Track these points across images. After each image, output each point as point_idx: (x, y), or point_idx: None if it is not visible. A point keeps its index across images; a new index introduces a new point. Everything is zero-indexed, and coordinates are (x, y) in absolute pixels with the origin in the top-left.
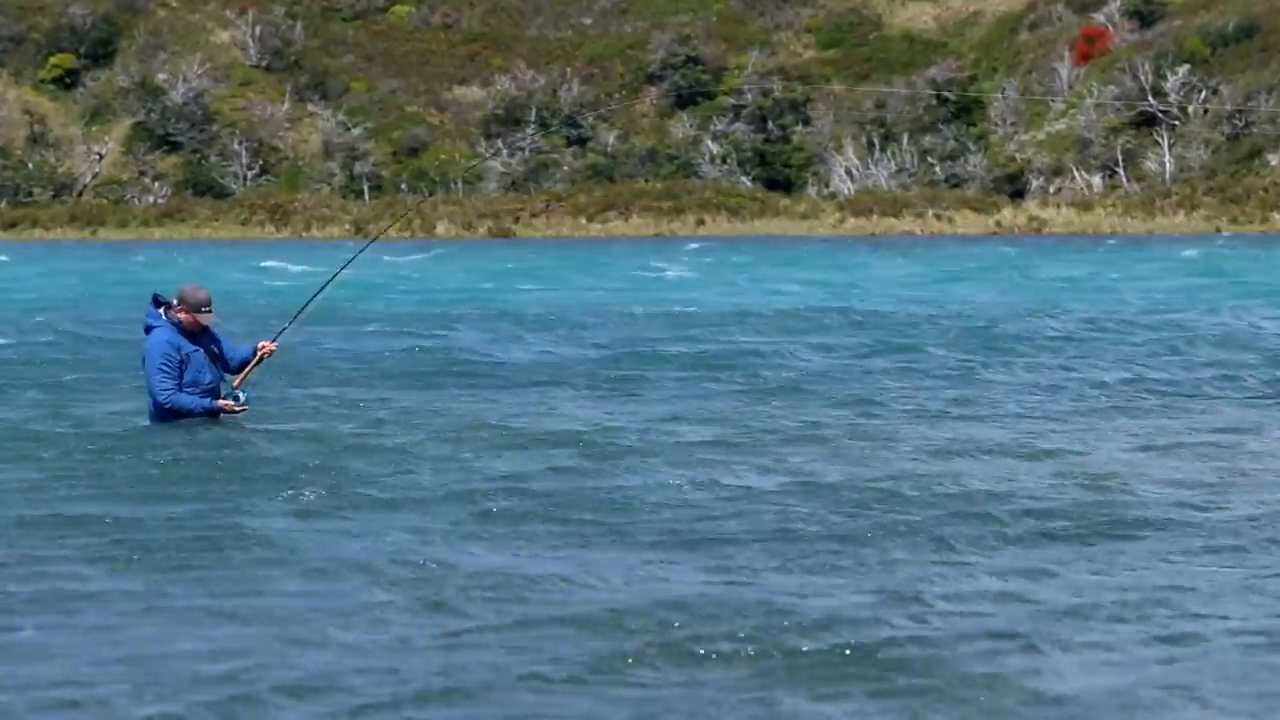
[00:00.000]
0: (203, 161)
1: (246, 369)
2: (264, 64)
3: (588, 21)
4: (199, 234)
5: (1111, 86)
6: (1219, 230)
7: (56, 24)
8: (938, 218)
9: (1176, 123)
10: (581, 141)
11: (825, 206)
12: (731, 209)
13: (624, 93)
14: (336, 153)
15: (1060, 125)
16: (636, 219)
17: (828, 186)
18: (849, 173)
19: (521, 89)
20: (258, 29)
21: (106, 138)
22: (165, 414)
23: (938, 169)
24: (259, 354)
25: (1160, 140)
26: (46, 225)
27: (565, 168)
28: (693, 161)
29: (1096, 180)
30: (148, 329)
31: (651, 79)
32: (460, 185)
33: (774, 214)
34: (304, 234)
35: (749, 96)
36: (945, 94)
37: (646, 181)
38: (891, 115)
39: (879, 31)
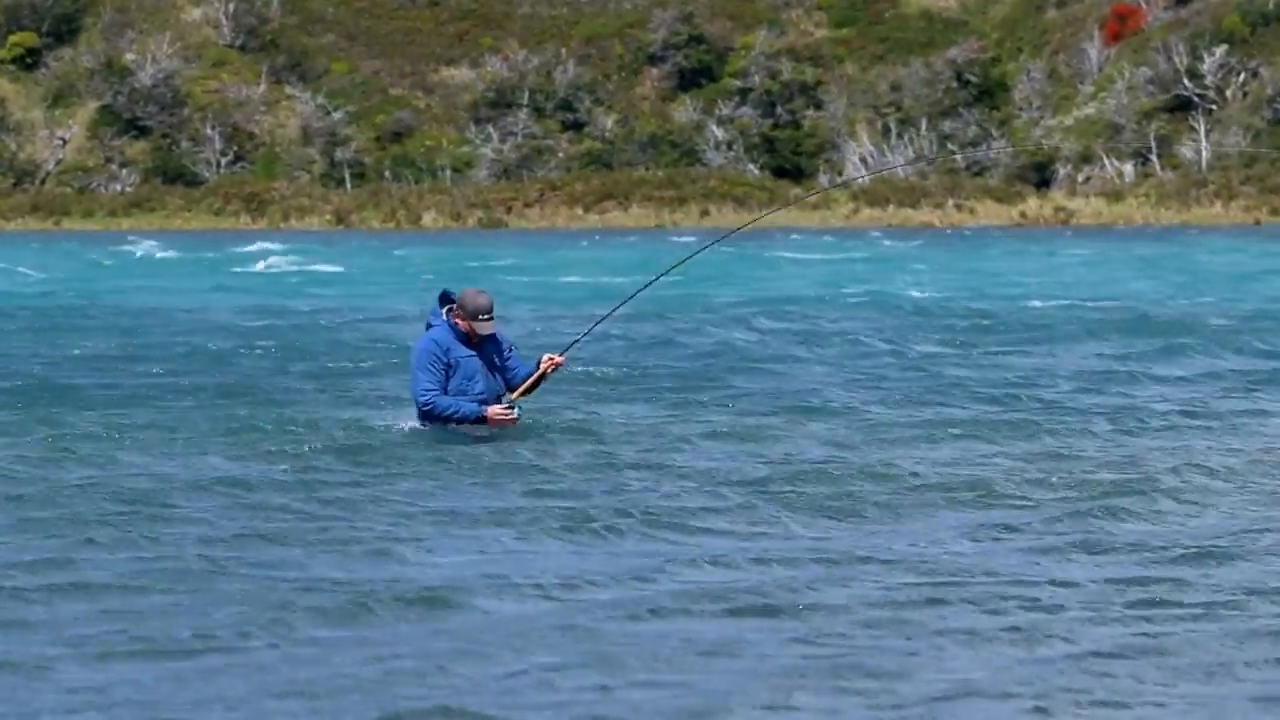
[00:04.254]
0: (173, 147)
1: (528, 383)
2: (238, 43)
3: None
4: (170, 224)
5: (1144, 68)
6: (1258, 222)
7: (16, 0)
8: (958, 208)
9: (1213, 107)
10: (578, 126)
11: (838, 196)
12: (738, 198)
13: (623, 74)
14: (316, 138)
15: (1089, 110)
16: (636, 209)
17: (840, 175)
18: (863, 160)
19: (513, 70)
20: (231, 6)
21: (70, 122)
22: (425, 416)
23: (958, 156)
24: (543, 367)
25: (1196, 126)
26: (6, 216)
27: (560, 154)
28: (696, 148)
29: (1128, 168)
30: (427, 327)
31: (652, 60)
32: (448, 173)
33: (783, 204)
34: (282, 224)
35: (756, 79)
36: (967, 76)
37: (647, 169)
38: (909, 99)
39: (895, 9)
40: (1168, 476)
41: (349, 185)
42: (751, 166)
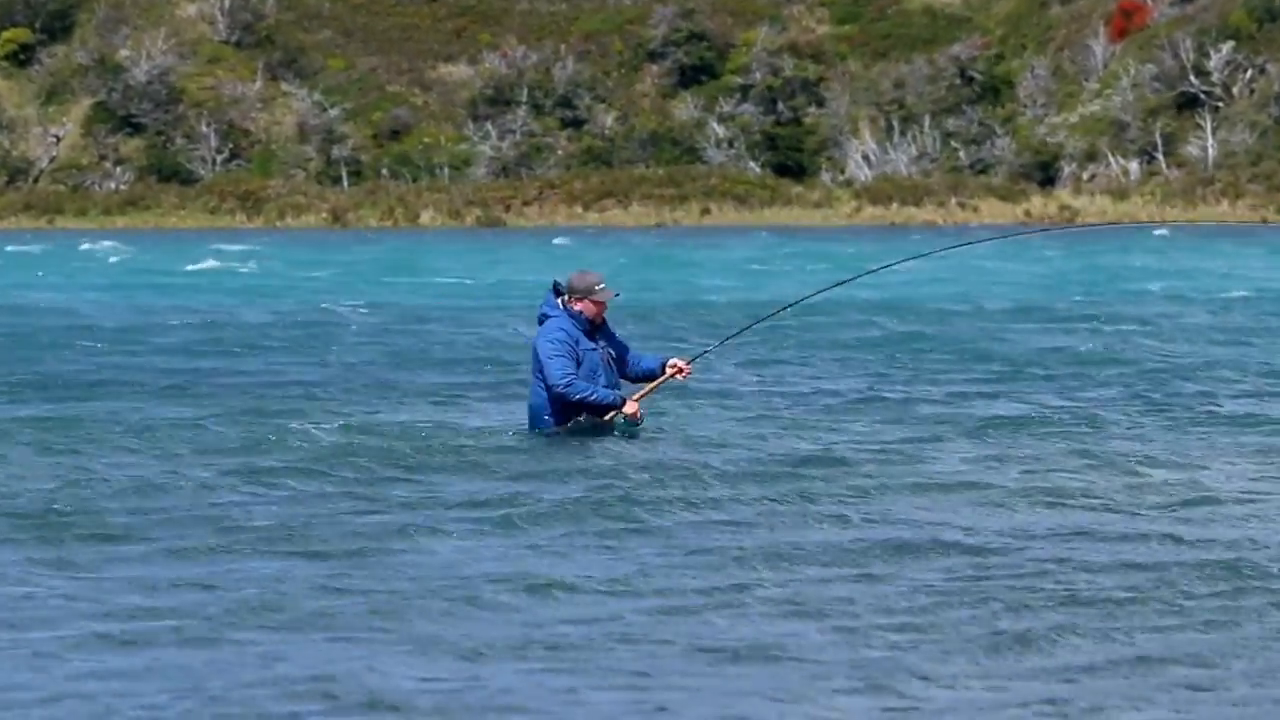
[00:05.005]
0: (168, 145)
1: (648, 387)
2: (234, 39)
3: None
4: (164, 223)
5: (1150, 65)
6: (1265, 220)
7: None
8: (961, 206)
9: (1220, 104)
10: (577, 124)
11: (840, 194)
12: (739, 196)
13: (623, 71)
14: (312, 135)
15: (1094, 107)
16: (636, 207)
17: (843, 173)
18: (866, 158)
19: (512, 67)
20: (226, 1)
21: (64, 119)
22: (557, 405)
23: (961, 154)
24: (668, 372)
25: (1202, 123)
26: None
27: (559, 152)
28: (697, 146)
29: (1133, 166)
30: (541, 319)
31: (653, 56)
32: (446, 171)
33: (785, 202)
34: (278, 223)
35: (758, 75)
36: (970, 73)
37: (647, 167)
38: (912, 96)
39: (898, 5)
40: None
41: (346, 183)
42: (753, 164)
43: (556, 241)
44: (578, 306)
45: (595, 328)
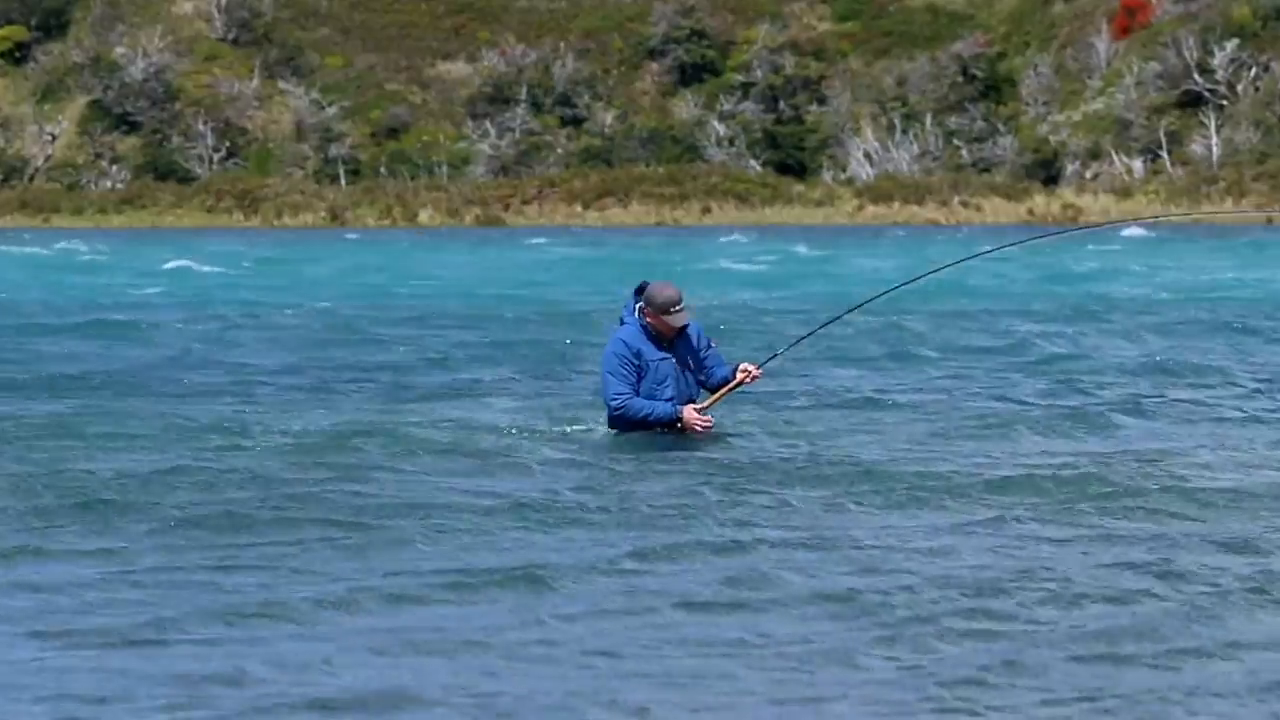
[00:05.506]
0: (164, 143)
1: (720, 393)
2: (231, 37)
3: None
4: (161, 221)
5: (1153, 63)
6: (1270, 220)
7: None
8: (964, 205)
9: (1224, 102)
10: (577, 122)
11: (842, 193)
12: (740, 195)
13: (623, 69)
14: (310, 134)
15: (1098, 105)
16: (636, 206)
17: (844, 171)
18: (868, 156)
19: (511, 65)
20: None
21: (60, 117)
22: (615, 421)
23: (964, 152)
24: (739, 378)
25: (1206, 121)
26: None
27: (559, 150)
28: (698, 144)
29: (1137, 165)
30: (620, 323)
31: (653, 54)
32: (445, 169)
33: (786, 200)
34: (275, 222)
35: (759, 73)
36: (973, 71)
37: (647, 165)
38: (914, 94)
39: (900, 2)
40: None
41: (344, 182)
42: (753, 162)
43: (532, 241)
44: (650, 320)
45: (667, 337)
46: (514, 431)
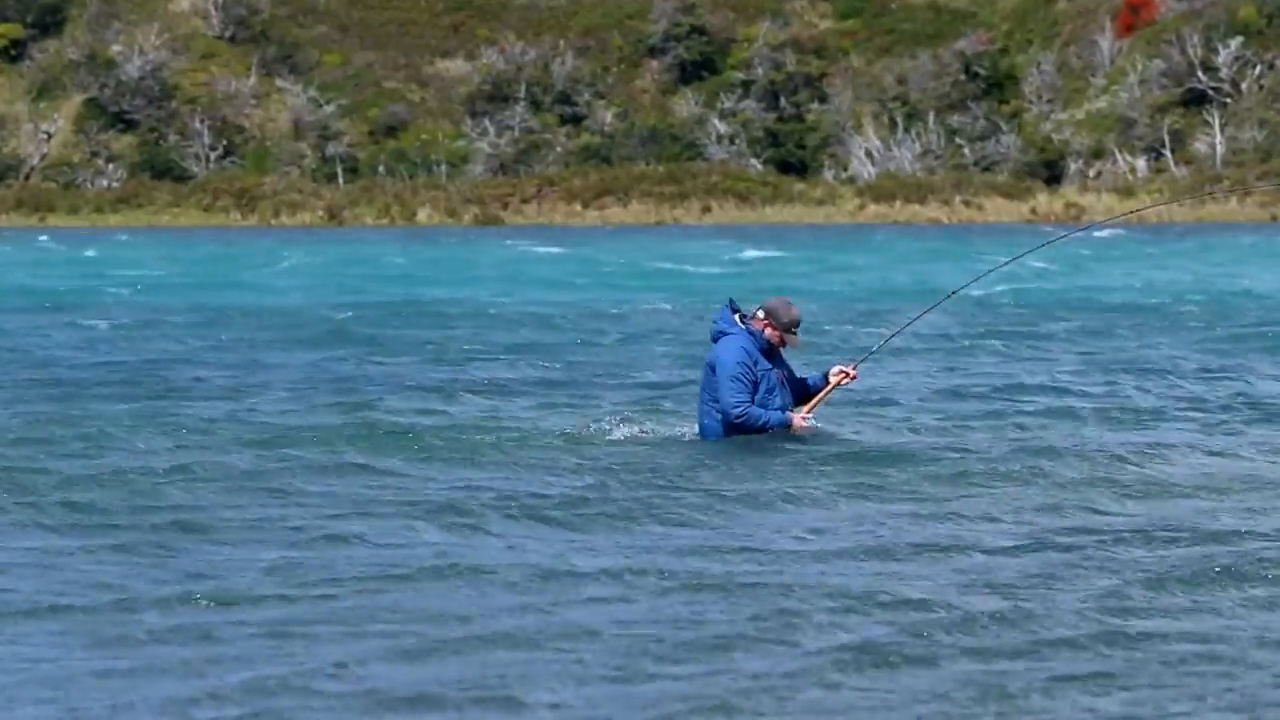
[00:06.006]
0: (161, 141)
1: (818, 397)
2: (228, 34)
3: None
4: (157, 220)
5: (1157, 61)
6: (1275, 218)
7: None
8: (966, 204)
9: (1228, 101)
10: (576, 120)
11: (843, 192)
12: (740, 194)
13: (622, 67)
14: (308, 132)
15: (1101, 103)
16: (636, 205)
17: (846, 170)
18: (869, 155)
19: (510, 62)
20: None
21: (55, 115)
22: (732, 429)
23: (966, 151)
24: (834, 380)
25: (1210, 120)
26: None
27: (558, 149)
28: (698, 142)
29: (1141, 163)
30: (716, 336)
31: (653, 52)
32: (443, 168)
33: (787, 199)
34: (272, 221)
35: (759, 71)
36: (975, 68)
37: (647, 164)
38: (916, 92)
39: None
40: None
41: (342, 181)
42: (754, 161)
43: (509, 242)
44: (765, 329)
45: (773, 349)
46: (528, 429)
